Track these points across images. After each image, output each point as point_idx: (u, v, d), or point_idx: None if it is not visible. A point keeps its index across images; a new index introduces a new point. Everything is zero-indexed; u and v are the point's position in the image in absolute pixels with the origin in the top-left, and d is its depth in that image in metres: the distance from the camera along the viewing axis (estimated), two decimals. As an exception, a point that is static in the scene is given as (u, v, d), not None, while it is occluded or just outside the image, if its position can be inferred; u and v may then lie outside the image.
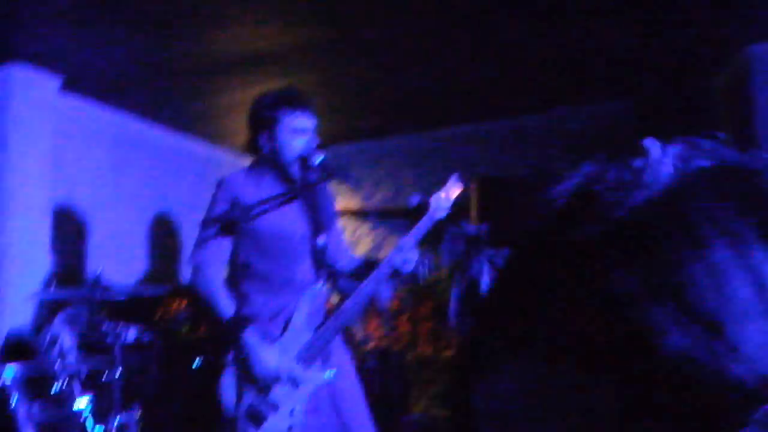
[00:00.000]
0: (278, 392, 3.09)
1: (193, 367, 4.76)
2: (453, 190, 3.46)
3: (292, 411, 3.12)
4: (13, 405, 2.75)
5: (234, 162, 7.94)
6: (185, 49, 5.11)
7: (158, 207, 6.76)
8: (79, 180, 5.91)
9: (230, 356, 3.16)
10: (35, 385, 2.90)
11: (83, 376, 3.18)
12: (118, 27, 4.73)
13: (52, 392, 2.97)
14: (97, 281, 3.79)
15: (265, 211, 3.14)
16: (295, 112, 3.31)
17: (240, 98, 5.94)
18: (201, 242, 3.28)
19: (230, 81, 5.66)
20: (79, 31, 4.80)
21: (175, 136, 7.02)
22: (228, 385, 3.15)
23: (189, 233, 7.07)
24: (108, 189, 6.23)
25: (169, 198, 6.89)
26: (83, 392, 3.02)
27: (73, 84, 5.58)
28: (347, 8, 4.60)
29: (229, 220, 3.13)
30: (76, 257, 5.87)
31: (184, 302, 5.31)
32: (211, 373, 3.88)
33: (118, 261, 5.98)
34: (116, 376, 3.44)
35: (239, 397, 3.14)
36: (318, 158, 3.23)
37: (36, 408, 2.85)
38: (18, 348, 3.45)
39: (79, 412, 2.93)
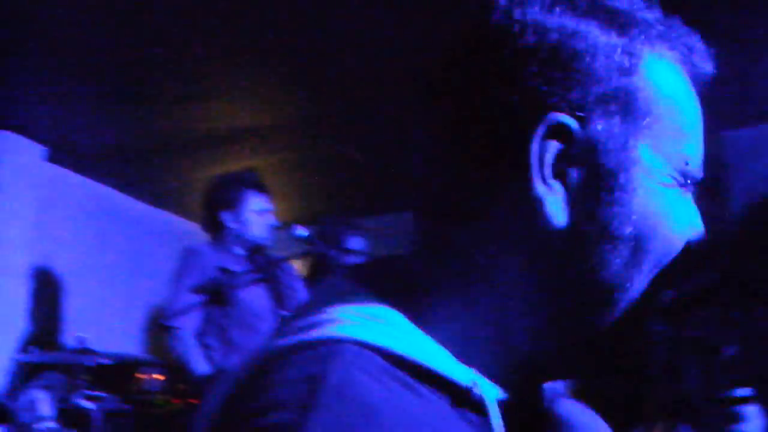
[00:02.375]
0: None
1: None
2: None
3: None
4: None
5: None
6: (165, 125, 5.29)
7: (136, 276, 6.84)
8: (60, 247, 6.00)
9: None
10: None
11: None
12: (101, 102, 4.92)
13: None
14: (80, 346, 3.87)
15: (243, 283, 3.30)
16: (259, 193, 3.56)
17: (214, 174, 6.12)
18: (182, 308, 3.41)
19: (208, 157, 5.82)
20: (64, 105, 4.98)
21: (153, 209, 7.17)
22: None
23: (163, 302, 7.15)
24: (88, 257, 6.32)
25: (146, 268, 6.97)
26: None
27: (57, 154, 5.73)
28: (325, 87, 4.79)
29: (216, 288, 3.28)
30: (54, 323, 5.92)
31: (158, 374, 5.36)
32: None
33: (95, 327, 6.03)
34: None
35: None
36: (302, 232, 3.40)
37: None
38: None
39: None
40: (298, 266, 3.67)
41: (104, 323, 6.23)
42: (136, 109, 5.04)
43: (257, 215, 3.51)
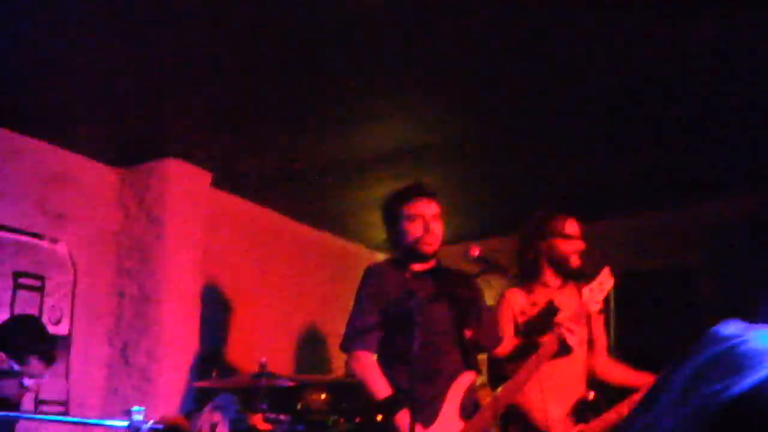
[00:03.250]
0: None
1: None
2: (605, 283, 3.48)
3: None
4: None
5: (369, 257, 8.13)
6: (326, 148, 5.37)
7: (297, 299, 6.97)
8: (227, 270, 6.17)
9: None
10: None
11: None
12: (264, 128, 5.05)
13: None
14: (261, 369, 3.93)
15: (424, 302, 3.22)
16: (410, 199, 3.44)
17: (374, 195, 6.15)
18: (362, 329, 3.38)
19: (369, 178, 5.86)
20: (228, 132, 5.14)
21: (314, 231, 7.29)
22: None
23: (325, 324, 7.25)
24: (251, 279, 6.47)
25: (307, 290, 7.10)
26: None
27: (221, 180, 5.91)
28: (486, 106, 4.75)
29: (396, 308, 3.24)
30: (221, 344, 6.09)
31: (326, 394, 5.38)
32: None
33: (259, 349, 6.17)
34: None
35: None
36: (473, 252, 3.30)
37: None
38: None
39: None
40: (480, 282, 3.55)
41: (269, 344, 6.36)
42: (298, 134, 5.13)
43: (409, 220, 3.40)
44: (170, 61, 4.17)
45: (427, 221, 3.41)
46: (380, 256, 8.23)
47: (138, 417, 2.71)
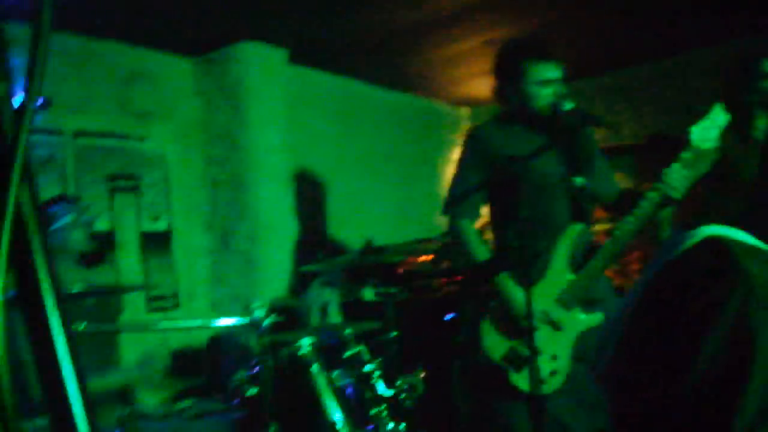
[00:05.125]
0: (539, 336, 3.03)
1: (446, 319, 4.84)
2: (717, 120, 3.27)
3: (554, 356, 3.09)
4: (315, 372, 2.89)
5: (452, 112, 7.99)
6: (397, 12, 5.15)
7: (387, 165, 6.93)
8: (311, 145, 6.13)
9: (488, 303, 3.19)
10: (328, 351, 3.04)
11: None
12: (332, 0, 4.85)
13: (344, 357, 3.11)
14: (367, 245, 3.91)
15: (526, 162, 3.11)
16: (540, 63, 3.23)
17: (451, 52, 5.96)
18: (461, 194, 3.32)
19: (448, 34, 5.64)
20: (300, 6, 4.96)
21: (396, 94, 7.15)
22: (487, 331, 3.17)
23: (419, 187, 7.22)
24: (339, 151, 6.43)
25: (396, 155, 7.05)
26: (371, 356, 3.13)
27: (298, 55, 5.78)
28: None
29: (500, 170, 3.15)
30: (316, 222, 6.12)
31: (429, 258, 5.39)
32: (467, 323, 3.96)
33: (355, 223, 6.21)
34: (391, 338, 3.55)
35: (499, 343, 3.16)
36: (568, 105, 3.14)
37: (332, 374, 2.99)
38: (284, 315, 3.63)
39: (369, 375, 3.04)
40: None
41: (365, 216, 6.38)
42: (364, 2, 4.93)
43: (541, 86, 3.21)
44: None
45: (557, 88, 3.23)
46: (464, 111, 8.09)
47: (259, 313, 2.73)
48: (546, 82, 3.19)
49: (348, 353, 3.14)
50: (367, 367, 3.08)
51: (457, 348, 4.44)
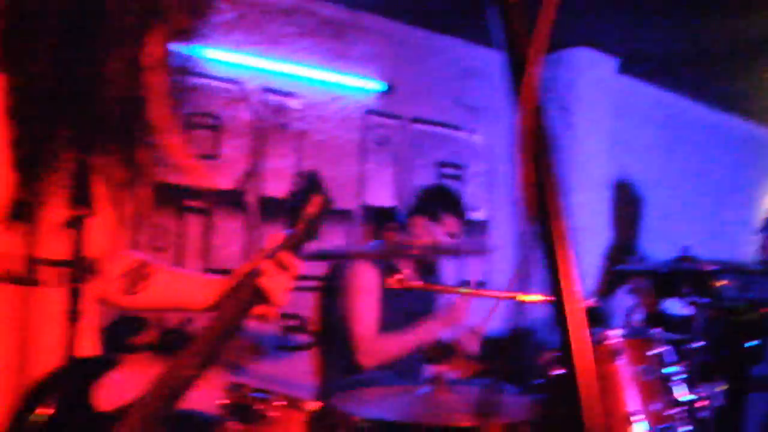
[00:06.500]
0: None
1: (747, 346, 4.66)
2: None
3: None
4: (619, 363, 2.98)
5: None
6: (731, 29, 5.07)
7: (702, 185, 6.80)
8: (632, 157, 6.15)
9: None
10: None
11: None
12: (670, 11, 4.85)
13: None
14: (683, 254, 3.92)
15: None
16: None
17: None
18: None
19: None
20: (634, 18, 5.02)
21: (718, 114, 7.00)
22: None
23: (731, 212, 6.99)
24: (657, 166, 6.40)
25: (712, 176, 6.90)
26: (676, 359, 3.15)
27: (627, 66, 5.84)
28: None
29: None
30: (628, 232, 6.13)
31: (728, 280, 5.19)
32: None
33: (664, 237, 6.14)
34: (698, 347, 3.53)
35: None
36: None
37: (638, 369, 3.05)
38: (590, 314, 3.72)
39: (669, 377, 3.06)
40: None
41: (674, 232, 6.30)
42: (704, 14, 4.89)
43: None
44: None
45: None
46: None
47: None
48: None
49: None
50: (670, 369, 3.11)
51: (752, 381, 4.30)
